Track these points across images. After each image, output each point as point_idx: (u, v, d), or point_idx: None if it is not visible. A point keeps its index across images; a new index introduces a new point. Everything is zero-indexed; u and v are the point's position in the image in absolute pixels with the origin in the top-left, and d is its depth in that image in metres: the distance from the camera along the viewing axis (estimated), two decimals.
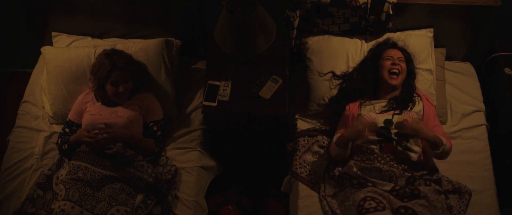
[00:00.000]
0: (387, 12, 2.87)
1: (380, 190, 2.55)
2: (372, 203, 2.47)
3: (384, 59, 2.81)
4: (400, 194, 2.52)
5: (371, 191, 2.55)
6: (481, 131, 2.99)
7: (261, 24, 2.66)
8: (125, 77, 2.76)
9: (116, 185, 2.64)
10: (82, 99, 2.90)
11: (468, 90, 3.14)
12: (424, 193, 2.50)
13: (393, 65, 2.77)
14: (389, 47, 2.88)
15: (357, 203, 2.52)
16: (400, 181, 2.57)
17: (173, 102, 3.02)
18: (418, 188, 2.51)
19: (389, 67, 2.78)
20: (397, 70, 2.77)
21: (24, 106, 3.11)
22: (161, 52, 2.98)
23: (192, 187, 2.84)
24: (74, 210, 2.50)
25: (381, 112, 2.76)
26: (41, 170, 2.86)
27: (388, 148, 2.66)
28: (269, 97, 2.82)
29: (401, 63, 2.80)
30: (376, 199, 2.50)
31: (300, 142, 2.94)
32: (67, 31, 3.18)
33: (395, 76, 2.77)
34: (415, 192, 2.50)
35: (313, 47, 3.01)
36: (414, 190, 2.51)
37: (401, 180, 2.58)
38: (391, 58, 2.79)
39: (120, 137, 2.71)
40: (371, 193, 2.54)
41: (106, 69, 2.72)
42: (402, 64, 2.80)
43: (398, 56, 2.81)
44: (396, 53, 2.83)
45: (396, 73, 2.77)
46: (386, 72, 2.78)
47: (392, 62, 2.78)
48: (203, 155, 2.98)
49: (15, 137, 3.00)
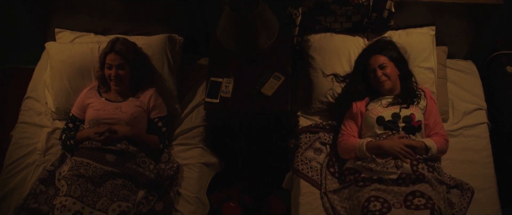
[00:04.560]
0: (389, 9, 2.88)
1: (384, 186, 2.56)
2: (377, 204, 2.49)
3: (370, 70, 2.80)
4: (406, 181, 2.55)
5: (375, 189, 2.56)
6: (482, 129, 2.99)
7: (264, 21, 2.67)
8: (120, 62, 2.78)
9: (118, 181, 2.65)
10: (86, 94, 2.92)
11: (469, 88, 3.14)
12: (428, 178, 2.54)
13: (377, 76, 2.76)
14: (371, 55, 2.82)
15: (361, 204, 2.53)
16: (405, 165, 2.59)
17: (175, 99, 3.03)
18: (422, 173, 2.55)
19: (374, 79, 2.78)
20: (383, 79, 2.76)
21: (27, 102, 3.12)
22: (164, 48, 3.00)
23: (194, 183, 2.85)
24: (76, 205, 2.52)
25: (388, 106, 2.77)
26: (44, 165, 2.86)
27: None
28: (271, 94, 2.84)
29: (385, 69, 2.76)
30: (380, 198, 2.51)
31: (301, 139, 2.95)
32: (70, 28, 3.19)
33: (383, 83, 2.77)
34: (420, 177, 2.54)
35: (315, 44, 3.02)
36: (419, 175, 2.54)
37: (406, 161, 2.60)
38: (373, 70, 2.77)
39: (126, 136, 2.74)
40: (375, 192, 2.55)
41: (104, 51, 2.79)
42: (387, 70, 2.76)
43: (379, 64, 2.77)
44: (377, 61, 2.77)
45: (385, 80, 2.77)
46: (375, 82, 2.79)
47: (374, 76, 2.77)
48: (205, 151, 2.99)
49: (18, 133, 3.01)
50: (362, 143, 2.69)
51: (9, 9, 3.35)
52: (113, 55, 2.79)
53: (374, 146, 2.66)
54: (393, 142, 2.64)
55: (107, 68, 2.81)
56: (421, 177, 2.55)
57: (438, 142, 2.70)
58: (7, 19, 3.46)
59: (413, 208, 2.45)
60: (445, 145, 2.74)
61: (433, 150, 2.66)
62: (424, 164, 2.62)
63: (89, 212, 2.52)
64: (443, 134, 2.76)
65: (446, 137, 2.76)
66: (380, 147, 2.65)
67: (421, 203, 2.47)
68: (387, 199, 2.51)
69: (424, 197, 2.48)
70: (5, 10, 3.38)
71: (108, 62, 2.80)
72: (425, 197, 2.48)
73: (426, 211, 2.42)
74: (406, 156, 2.62)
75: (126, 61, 2.80)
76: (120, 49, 2.79)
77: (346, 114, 2.85)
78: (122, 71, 2.80)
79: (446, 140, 2.75)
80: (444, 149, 2.74)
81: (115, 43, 2.81)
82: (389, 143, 2.65)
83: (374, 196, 2.53)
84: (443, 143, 2.72)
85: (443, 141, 2.73)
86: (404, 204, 2.49)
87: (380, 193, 2.54)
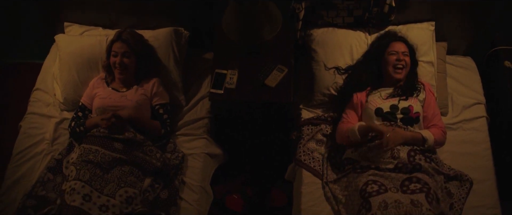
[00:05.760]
0: (390, 4, 2.95)
1: (381, 172, 2.61)
2: (374, 186, 2.55)
3: (390, 54, 2.85)
4: (403, 171, 2.60)
5: (372, 175, 2.62)
6: (481, 122, 3.04)
7: (267, 14, 2.74)
8: (126, 50, 2.86)
9: (125, 168, 2.71)
10: (94, 84, 2.99)
11: (469, 84, 3.19)
12: (425, 168, 2.59)
13: (398, 61, 2.82)
14: (394, 39, 2.90)
15: (359, 188, 2.59)
16: (402, 154, 2.64)
17: (180, 90, 3.10)
18: (419, 163, 2.60)
19: (394, 63, 2.83)
20: (402, 65, 2.83)
21: (35, 94, 3.19)
22: (170, 41, 3.07)
23: (198, 172, 2.91)
24: (84, 189, 2.57)
25: (388, 98, 2.83)
26: (52, 154, 2.92)
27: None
28: (274, 86, 2.90)
29: (405, 57, 2.84)
30: (377, 182, 2.57)
31: (304, 131, 3.00)
32: (79, 22, 3.27)
33: (399, 71, 2.83)
34: (417, 167, 2.59)
35: (318, 38, 3.08)
36: (415, 165, 2.59)
37: (403, 152, 2.65)
38: (396, 53, 2.83)
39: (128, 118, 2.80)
40: (372, 177, 2.61)
41: (111, 40, 2.90)
42: (406, 58, 2.84)
43: (402, 51, 2.84)
44: (400, 47, 2.86)
45: (401, 68, 2.83)
46: (391, 67, 2.84)
47: (397, 58, 2.83)
48: (210, 142, 3.05)
49: (27, 123, 3.07)
50: (355, 126, 2.75)
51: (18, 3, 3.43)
52: (119, 43, 2.87)
53: (365, 127, 2.72)
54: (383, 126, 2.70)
55: (112, 56, 2.89)
56: (417, 166, 2.60)
57: (436, 133, 2.75)
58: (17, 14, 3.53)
59: (409, 193, 2.51)
60: (442, 137, 2.79)
61: (429, 141, 2.71)
62: (421, 155, 2.67)
63: (97, 196, 2.57)
64: (441, 126, 2.82)
65: (444, 129, 2.81)
66: (370, 127, 2.70)
67: (416, 188, 2.52)
68: (384, 184, 2.57)
69: (420, 183, 2.53)
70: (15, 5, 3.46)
71: (114, 50, 2.88)
72: (421, 183, 2.53)
73: (421, 195, 2.48)
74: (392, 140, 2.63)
75: (132, 50, 2.87)
76: (126, 38, 2.87)
77: (347, 104, 2.91)
78: (126, 59, 2.88)
79: (444, 132, 2.80)
80: (442, 141, 2.79)
81: (122, 33, 2.90)
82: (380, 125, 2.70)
83: (372, 180, 2.59)
84: (441, 135, 2.77)
85: (440, 133, 2.78)
86: (400, 189, 2.54)
87: (377, 178, 2.60)
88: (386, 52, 2.87)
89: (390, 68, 2.84)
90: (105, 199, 2.58)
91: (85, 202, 2.53)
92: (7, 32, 3.71)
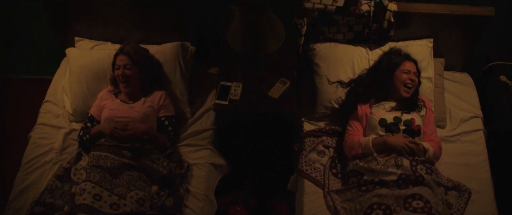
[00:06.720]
0: (389, 20, 3.04)
1: (385, 190, 2.67)
2: (379, 212, 2.61)
3: (402, 72, 2.92)
4: (406, 182, 2.65)
5: (376, 196, 2.67)
6: (478, 135, 3.12)
7: (272, 27, 2.85)
8: (127, 62, 2.93)
9: (134, 173, 2.77)
10: (103, 95, 3.07)
11: (466, 98, 3.28)
12: (427, 180, 2.65)
13: (411, 81, 2.91)
14: (407, 59, 2.97)
15: (364, 210, 2.65)
16: (405, 162, 2.71)
17: (186, 103, 3.18)
18: (422, 175, 2.66)
19: (406, 81, 2.91)
20: (412, 84, 2.92)
21: (45, 106, 3.27)
22: (176, 55, 3.17)
23: (203, 181, 2.97)
24: (95, 189, 2.63)
25: (391, 111, 2.91)
26: (60, 163, 2.99)
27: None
28: (277, 97, 2.97)
29: (415, 77, 2.93)
30: (382, 205, 2.63)
31: (306, 142, 3.08)
32: (89, 37, 3.38)
33: (408, 90, 2.92)
34: (420, 179, 2.65)
35: (320, 53, 3.17)
36: (418, 177, 2.65)
37: (406, 161, 2.72)
38: (408, 72, 2.91)
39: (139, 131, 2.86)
40: (376, 198, 2.66)
41: (115, 54, 2.98)
42: (416, 79, 2.94)
43: (414, 71, 2.93)
44: (412, 67, 2.94)
45: (410, 87, 2.92)
46: (402, 85, 2.91)
47: (409, 77, 2.91)
48: (214, 153, 3.11)
49: (36, 133, 3.14)
50: (368, 139, 2.82)
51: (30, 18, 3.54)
52: (121, 56, 2.96)
53: (380, 142, 2.80)
54: (397, 139, 2.78)
55: (116, 69, 2.97)
56: (420, 179, 2.66)
57: (433, 147, 2.84)
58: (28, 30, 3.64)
59: (411, 210, 2.56)
60: (439, 151, 2.88)
61: (430, 152, 2.80)
62: (423, 165, 2.74)
63: (107, 195, 2.63)
64: (437, 141, 2.91)
65: (440, 145, 2.90)
66: (385, 142, 2.78)
67: (419, 206, 2.57)
68: (388, 204, 2.63)
69: (423, 200, 2.59)
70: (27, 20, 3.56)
71: (117, 63, 2.96)
72: (423, 200, 2.59)
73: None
74: (409, 152, 2.74)
75: (133, 62, 2.94)
76: (128, 50, 2.96)
77: (351, 116, 2.99)
78: (128, 71, 2.94)
79: (440, 147, 2.89)
80: (438, 155, 2.88)
81: (125, 46, 2.99)
82: (394, 139, 2.78)
83: (376, 204, 2.64)
84: (438, 149, 2.87)
85: (437, 147, 2.87)
86: (403, 207, 2.60)
87: (381, 199, 2.65)
88: (398, 70, 2.93)
89: (400, 86, 2.91)
90: (115, 198, 2.64)
91: (96, 200, 2.59)
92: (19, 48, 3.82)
